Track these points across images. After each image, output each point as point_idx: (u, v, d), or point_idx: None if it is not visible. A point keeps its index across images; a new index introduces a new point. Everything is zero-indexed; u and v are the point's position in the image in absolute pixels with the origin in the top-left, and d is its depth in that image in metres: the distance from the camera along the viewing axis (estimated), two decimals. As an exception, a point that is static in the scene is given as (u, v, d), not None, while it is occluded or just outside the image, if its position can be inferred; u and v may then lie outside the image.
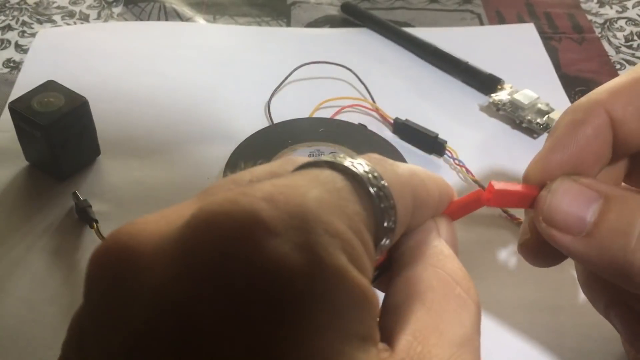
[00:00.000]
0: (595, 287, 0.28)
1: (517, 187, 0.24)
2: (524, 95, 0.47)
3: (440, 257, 0.20)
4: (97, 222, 0.39)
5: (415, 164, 0.41)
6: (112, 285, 0.15)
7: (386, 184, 0.18)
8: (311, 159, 0.19)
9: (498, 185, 0.23)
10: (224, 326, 0.14)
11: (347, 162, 0.18)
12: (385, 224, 0.18)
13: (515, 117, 0.47)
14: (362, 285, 0.16)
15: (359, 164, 0.18)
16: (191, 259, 0.15)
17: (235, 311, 0.14)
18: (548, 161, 0.25)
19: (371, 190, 0.18)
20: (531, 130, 0.46)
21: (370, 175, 0.18)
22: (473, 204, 0.24)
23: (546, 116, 0.46)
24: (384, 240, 0.18)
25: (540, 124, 0.46)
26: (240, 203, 0.15)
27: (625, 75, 0.25)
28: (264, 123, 0.47)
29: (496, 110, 0.48)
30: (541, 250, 0.25)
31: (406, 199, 0.19)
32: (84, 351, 0.15)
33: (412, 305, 0.19)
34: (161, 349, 0.14)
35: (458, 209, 0.24)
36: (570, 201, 0.23)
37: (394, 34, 0.55)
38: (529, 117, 0.46)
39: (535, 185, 0.24)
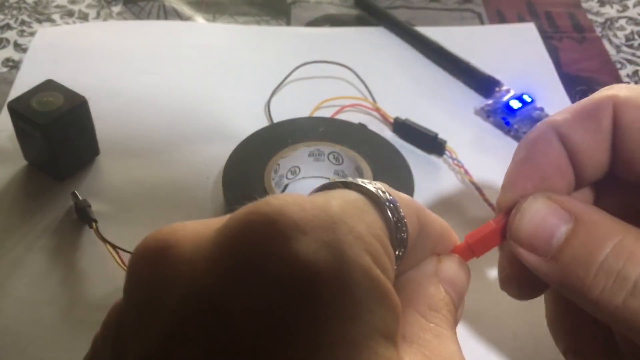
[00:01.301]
0: (559, 330, 0.28)
1: (489, 226, 0.24)
2: (519, 101, 0.47)
3: (429, 338, 0.20)
4: (96, 221, 0.39)
5: (415, 163, 0.42)
6: (151, 279, 0.17)
7: (395, 199, 0.19)
8: (324, 182, 0.20)
9: (472, 238, 0.23)
10: (255, 318, 0.15)
11: (359, 181, 0.19)
12: (398, 236, 0.19)
13: (503, 125, 0.46)
14: (385, 284, 0.17)
15: (369, 183, 0.19)
16: (226, 254, 0.16)
17: (266, 303, 0.15)
18: (511, 183, 0.25)
19: (383, 199, 0.19)
20: (519, 139, 0.46)
21: (380, 192, 0.19)
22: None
23: (535, 124, 0.46)
24: (398, 250, 0.19)
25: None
26: (272, 204, 0.16)
27: (582, 101, 0.25)
28: (264, 122, 0.47)
29: (487, 117, 0.47)
30: (523, 284, 0.25)
31: (412, 217, 0.20)
32: (122, 341, 0.16)
33: None
34: (195, 338, 0.15)
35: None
36: (540, 221, 0.23)
37: (405, 31, 0.55)
38: (516, 126, 0.46)
39: (504, 214, 0.24)
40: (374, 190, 0.19)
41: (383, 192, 0.19)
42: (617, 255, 0.21)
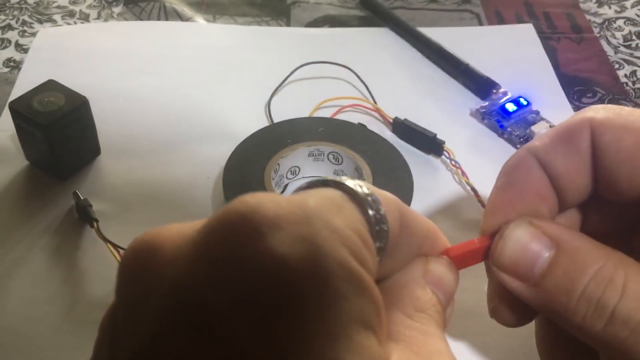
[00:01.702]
0: (547, 349, 0.28)
1: (472, 244, 0.24)
2: (513, 104, 0.47)
3: (417, 335, 0.20)
4: (97, 221, 0.39)
5: (414, 163, 0.42)
6: (138, 280, 0.17)
7: (375, 195, 0.19)
8: (303, 183, 0.20)
9: (453, 252, 0.23)
10: (234, 313, 0.15)
11: (338, 179, 0.19)
12: (378, 228, 0.19)
13: (497, 127, 0.47)
14: (362, 275, 0.17)
15: (349, 180, 0.19)
16: (204, 252, 0.16)
17: (244, 299, 0.16)
18: (494, 209, 0.25)
19: (361, 195, 0.19)
20: (512, 142, 0.46)
21: (359, 187, 0.19)
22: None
23: (528, 129, 0.46)
24: (379, 242, 0.19)
25: (520, 137, 0.46)
26: (248, 202, 0.17)
27: (559, 125, 0.25)
28: (264, 123, 0.47)
29: (482, 119, 0.48)
30: (511, 311, 0.25)
31: (393, 212, 0.20)
32: (118, 342, 0.17)
33: None
34: (180, 337, 0.16)
35: None
36: (522, 248, 0.23)
37: (408, 31, 0.55)
38: (509, 129, 0.46)
39: (489, 236, 0.24)
40: (352, 186, 0.19)
41: (361, 187, 0.19)
42: (597, 283, 0.22)
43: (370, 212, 0.19)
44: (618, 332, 0.21)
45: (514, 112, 0.47)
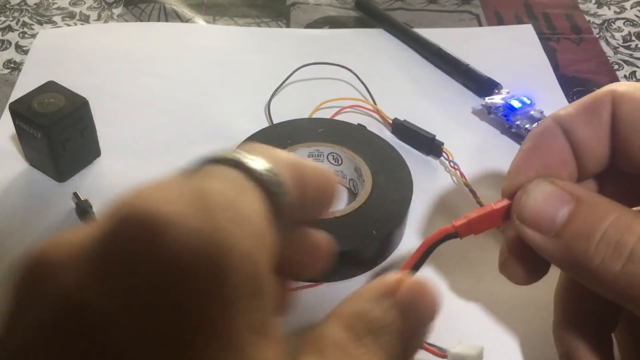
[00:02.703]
0: (562, 335, 0.29)
1: (490, 207, 0.26)
2: (518, 102, 0.47)
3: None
4: (97, 222, 0.39)
5: (413, 164, 0.42)
6: (22, 289, 0.16)
7: (272, 167, 0.18)
8: (204, 157, 0.19)
9: (471, 215, 0.25)
10: (121, 318, 0.15)
11: (235, 155, 0.19)
12: (278, 204, 0.18)
13: (505, 121, 0.47)
14: (262, 276, 0.16)
15: (246, 156, 0.19)
16: (93, 253, 0.15)
17: (134, 303, 0.15)
18: (517, 170, 0.26)
19: (262, 174, 0.18)
20: (519, 136, 0.46)
21: (257, 161, 0.18)
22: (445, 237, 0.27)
23: (536, 123, 0.46)
24: (279, 219, 0.18)
25: (528, 130, 0.46)
26: (142, 196, 0.16)
27: (584, 97, 0.27)
28: (264, 123, 0.47)
29: (488, 114, 0.48)
30: (521, 267, 0.26)
31: (291, 180, 0.19)
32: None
33: None
34: (58, 345, 0.15)
35: (428, 242, 0.26)
36: (544, 202, 0.24)
37: (405, 33, 0.55)
38: (518, 122, 0.46)
39: (507, 198, 0.26)
40: (251, 164, 0.18)
41: (260, 162, 0.18)
42: (616, 227, 0.23)
43: (273, 190, 0.18)
44: (637, 270, 0.22)
45: (519, 109, 0.47)
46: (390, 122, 0.46)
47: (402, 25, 0.56)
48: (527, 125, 0.46)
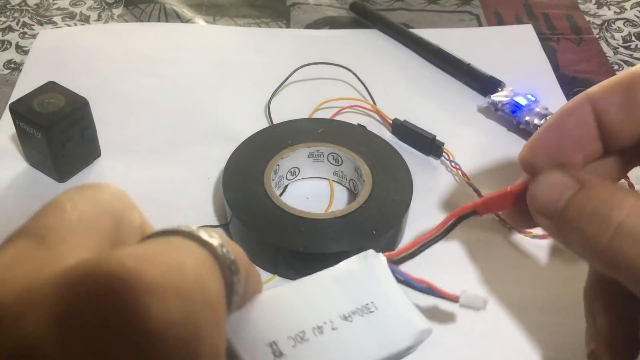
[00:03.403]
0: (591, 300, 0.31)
1: (505, 189, 0.28)
2: (524, 99, 0.48)
3: None
4: (97, 222, 0.39)
5: (413, 164, 0.42)
6: None
7: (233, 257, 0.20)
8: (168, 228, 0.20)
9: (488, 195, 0.27)
10: None
11: (203, 234, 0.19)
12: (233, 299, 0.20)
13: (513, 118, 0.47)
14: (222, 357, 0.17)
15: (212, 236, 0.20)
16: (68, 314, 0.15)
17: None
18: (534, 146, 0.27)
19: (223, 259, 0.19)
20: (527, 132, 0.47)
21: (224, 250, 0.19)
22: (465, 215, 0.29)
23: (544, 119, 0.46)
24: (233, 303, 0.20)
25: (538, 126, 0.46)
26: (127, 264, 0.16)
27: (619, 74, 0.27)
28: (264, 124, 0.47)
29: (494, 111, 0.48)
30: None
31: (244, 267, 0.21)
32: None
33: None
34: None
35: (451, 217, 0.29)
36: (549, 190, 0.26)
37: (402, 34, 0.55)
38: (527, 118, 0.46)
39: (522, 183, 0.28)
40: (218, 249, 0.19)
41: (226, 250, 0.19)
42: (605, 203, 0.24)
43: (232, 279, 0.19)
44: (622, 242, 0.23)
45: (525, 106, 0.47)
46: (390, 122, 0.46)
47: (397, 26, 0.56)
48: (535, 121, 0.46)
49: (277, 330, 0.25)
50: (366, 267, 0.30)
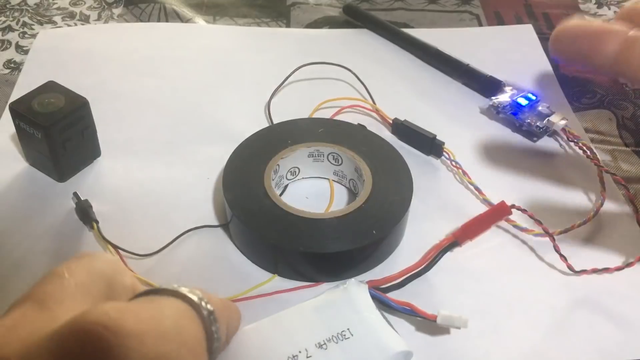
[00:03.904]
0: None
1: (479, 215, 0.33)
2: (525, 99, 0.48)
3: None
4: (97, 222, 0.39)
5: (414, 164, 0.42)
6: None
7: (213, 310, 0.22)
8: (153, 288, 0.23)
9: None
10: None
11: (185, 291, 0.22)
12: (213, 346, 0.22)
13: (515, 120, 0.47)
14: None
15: (192, 293, 0.22)
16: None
17: None
18: None
19: (205, 314, 0.22)
20: (531, 134, 0.47)
21: (203, 303, 0.22)
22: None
23: (546, 119, 0.46)
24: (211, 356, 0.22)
25: (540, 127, 0.46)
26: (109, 314, 0.18)
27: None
28: (264, 123, 0.47)
29: (496, 113, 0.48)
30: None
31: (224, 324, 0.24)
32: None
33: None
34: None
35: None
36: None
37: (396, 36, 0.55)
38: (528, 120, 0.46)
39: (491, 208, 0.32)
40: (197, 302, 0.22)
41: (205, 302, 0.22)
42: None
43: (212, 328, 0.22)
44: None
45: (526, 105, 0.47)
46: (390, 122, 0.46)
47: (392, 28, 0.56)
48: (537, 123, 0.46)
49: None
50: (346, 296, 0.31)
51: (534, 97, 0.48)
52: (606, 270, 0.37)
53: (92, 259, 0.23)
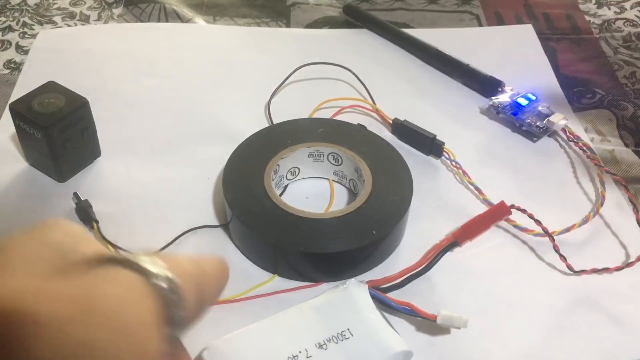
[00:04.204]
0: None
1: (479, 215, 0.35)
2: (525, 99, 0.48)
3: None
4: (97, 222, 0.39)
5: (414, 164, 0.42)
6: None
7: (171, 275, 0.19)
8: (108, 256, 0.20)
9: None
10: None
11: (141, 259, 0.19)
12: (175, 316, 0.19)
13: (515, 120, 0.47)
14: None
15: (150, 261, 0.19)
16: None
17: None
18: None
19: (161, 284, 0.19)
20: (531, 134, 0.47)
21: (159, 270, 0.19)
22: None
23: (546, 119, 0.46)
24: (171, 328, 0.19)
25: (540, 127, 0.46)
26: (25, 296, 0.16)
27: None
28: (264, 123, 0.47)
29: (496, 113, 0.48)
30: None
31: (191, 288, 0.20)
32: None
33: None
34: None
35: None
36: None
37: (396, 36, 0.55)
38: (528, 120, 0.46)
39: (491, 207, 0.32)
40: (154, 272, 0.19)
41: (163, 270, 0.19)
42: None
43: (171, 296, 0.19)
44: None
45: (526, 106, 0.47)
46: (390, 122, 0.46)
47: (392, 28, 0.56)
48: (537, 123, 0.46)
49: None
50: (346, 295, 0.31)
51: (534, 97, 0.48)
52: (606, 270, 0.37)
53: (47, 230, 0.20)
